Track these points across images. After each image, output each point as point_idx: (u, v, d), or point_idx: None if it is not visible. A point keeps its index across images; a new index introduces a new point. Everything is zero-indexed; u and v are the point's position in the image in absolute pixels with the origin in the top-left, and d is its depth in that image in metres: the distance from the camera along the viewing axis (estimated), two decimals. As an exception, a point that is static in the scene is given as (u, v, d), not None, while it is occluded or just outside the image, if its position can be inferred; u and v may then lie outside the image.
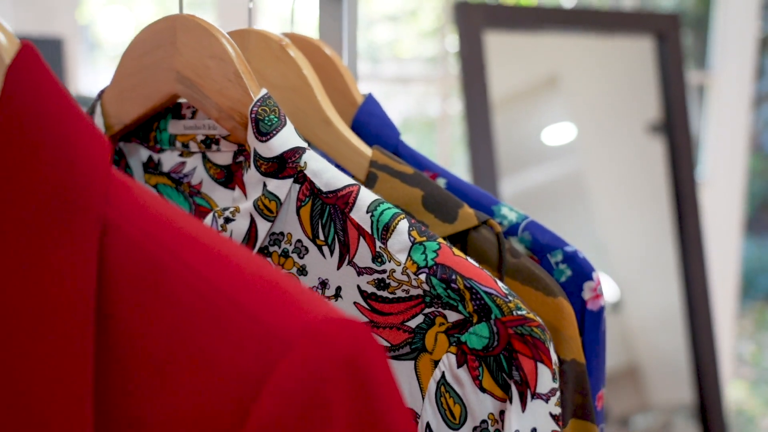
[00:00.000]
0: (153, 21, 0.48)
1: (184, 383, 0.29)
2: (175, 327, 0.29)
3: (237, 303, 0.28)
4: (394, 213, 0.43)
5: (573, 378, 0.48)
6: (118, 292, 0.30)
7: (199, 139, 0.50)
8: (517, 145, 1.77)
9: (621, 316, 2.14)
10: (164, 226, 0.31)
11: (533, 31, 1.46)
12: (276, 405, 0.27)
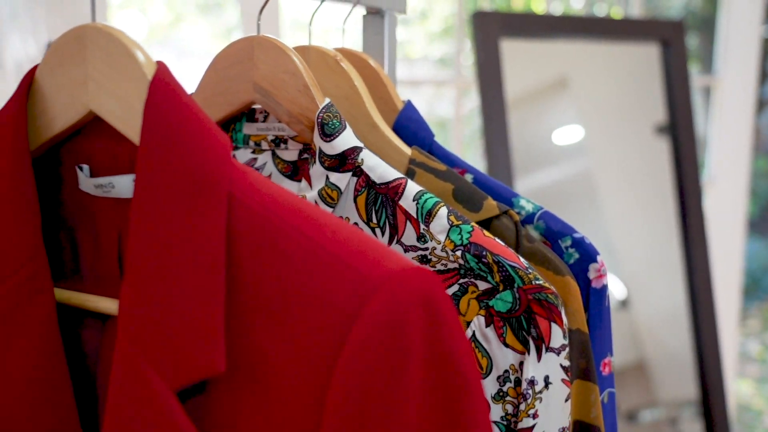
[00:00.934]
0: (234, 41, 0.58)
1: (294, 317, 0.39)
2: (285, 274, 0.39)
3: (335, 255, 0.39)
4: (436, 201, 0.53)
5: (578, 345, 0.58)
6: (240, 247, 0.40)
7: (270, 138, 0.61)
8: (528, 145, 1.87)
9: (629, 314, 2.23)
10: (272, 199, 0.42)
11: (545, 38, 1.56)
12: (367, 332, 0.37)
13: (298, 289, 0.39)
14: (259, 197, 0.42)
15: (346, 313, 0.38)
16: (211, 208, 0.41)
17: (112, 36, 0.44)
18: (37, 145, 0.48)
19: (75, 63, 0.46)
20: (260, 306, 0.40)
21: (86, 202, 0.49)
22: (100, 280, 0.49)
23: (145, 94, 0.43)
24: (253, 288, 0.40)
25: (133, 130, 0.44)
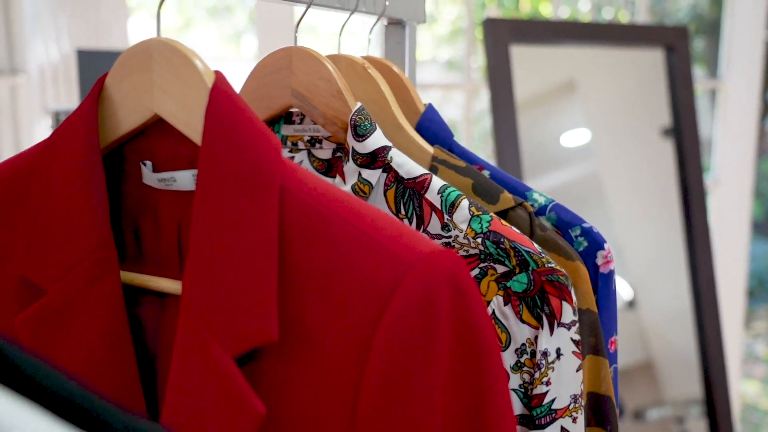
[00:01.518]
0: (273, 51, 0.65)
1: (338, 294, 0.45)
2: (330, 256, 0.46)
3: (374, 239, 0.45)
4: (458, 194, 0.59)
5: (588, 324, 0.64)
6: (291, 232, 0.47)
7: (306, 139, 0.67)
8: (537, 147, 1.93)
9: (636, 314, 2.28)
10: (318, 191, 0.48)
11: (553, 43, 1.62)
12: (402, 306, 0.43)
13: (341, 269, 0.45)
14: (306, 190, 0.48)
15: (384, 289, 0.44)
16: (265, 198, 0.47)
17: (176, 49, 0.51)
18: (106, 144, 0.54)
19: (142, 72, 0.52)
20: (308, 284, 0.46)
21: (149, 194, 0.55)
22: (161, 263, 0.55)
23: (206, 100, 0.50)
24: (302, 268, 0.46)
25: (194, 131, 0.50)
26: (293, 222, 0.47)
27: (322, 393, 0.47)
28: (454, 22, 6.19)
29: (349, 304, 0.45)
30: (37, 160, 0.55)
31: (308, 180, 0.49)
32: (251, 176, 0.47)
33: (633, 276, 2.26)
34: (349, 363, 0.45)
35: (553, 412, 0.57)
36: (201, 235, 0.48)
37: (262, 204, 0.47)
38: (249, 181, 0.47)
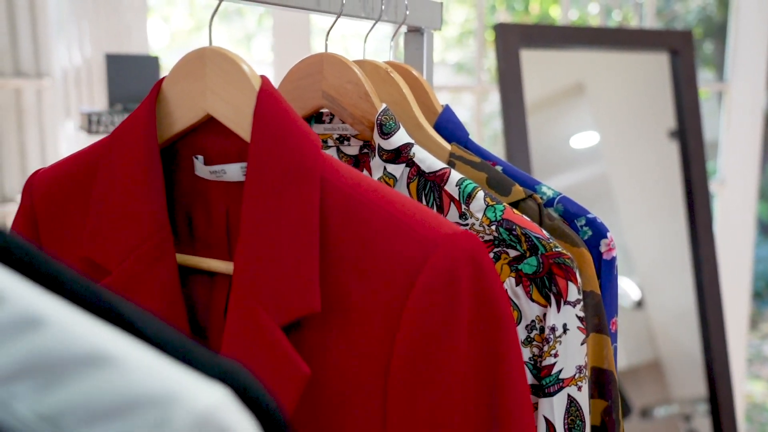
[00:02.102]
0: (305, 57, 0.72)
1: (372, 270, 0.53)
2: (365, 237, 0.53)
3: (404, 222, 0.52)
4: (474, 186, 0.66)
5: (592, 305, 0.71)
6: (330, 216, 0.54)
7: (335, 137, 0.74)
8: (546, 149, 1.99)
9: (643, 314, 2.34)
10: (354, 181, 0.55)
11: (562, 47, 1.69)
12: (429, 280, 0.50)
13: (375, 248, 0.53)
14: (343, 180, 0.55)
15: (413, 265, 0.51)
16: (308, 187, 0.54)
17: (226, 56, 0.58)
18: (163, 140, 0.62)
19: (196, 77, 0.59)
20: (346, 261, 0.53)
21: (200, 185, 0.63)
22: (211, 246, 0.63)
23: (253, 101, 0.57)
24: (340, 247, 0.54)
25: (243, 129, 0.58)
26: (332, 208, 0.54)
27: (359, 356, 0.54)
28: (462, 25, 6.26)
29: (382, 278, 0.52)
30: (100, 154, 0.62)
31: (344, 171, 0.56)
32: (295, 168, 0.55)
33: (641, 276, 2.32)
34: (382, 329, 0.53)
35: (561, 381, 0.64)
36: (251, 220, 0.55)
37: (304, 192, 0.54)
38: (293, 172, 0.55)
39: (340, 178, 0.55)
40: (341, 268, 0.54)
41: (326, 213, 0.54)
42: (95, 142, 0.66)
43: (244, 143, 0.59)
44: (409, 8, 0.83)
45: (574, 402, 0.64)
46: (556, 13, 5.77)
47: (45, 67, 2.15)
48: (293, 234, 0.54)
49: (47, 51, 2.12)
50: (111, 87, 1.47)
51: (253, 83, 0.58)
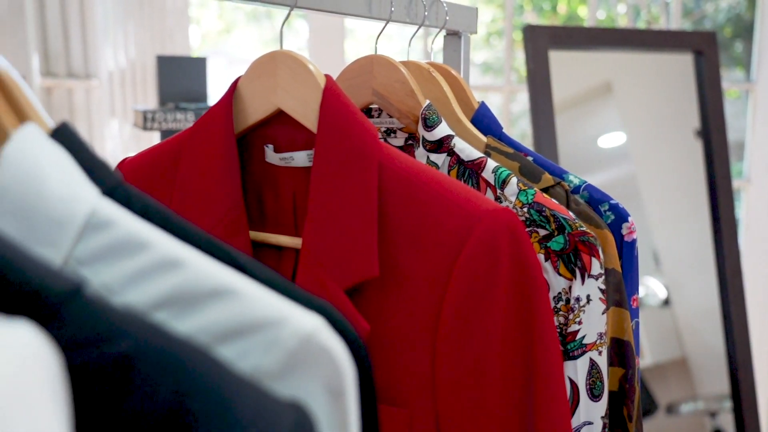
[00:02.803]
0: (357, 59, 0.82)
1: (424, 241, 0.62)
2: (418, 212, 0.62)
3: (451, 200, 0.61)
4: (509, 173, 0.75)
5: (613, 282, 0.79)
6: (387, 195, 0.63)
7: (383, 129, 0.84)
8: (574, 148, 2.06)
9: (670, 312, 2.39)
10: (407, 165, 0.64)
11: (590, 48, 1.77)
12: (473, 248, 0.60)
13: (426, 222, 0.62)
14: (398, 164, 0.65)
15: (460, 236, 0.61)
16: (367, 170, 0.64)
17: (296, 58, 0.68)
18: (238, 131, 0.72)
19: (268, 76, 0.69)
20: (401, 234, 0.63)
21: (270, 170, 0.72)
22: (279, 224, 0.73)
23: (319, 97, 0.67)
24: (396, 222, 0.63)
25: (310, 121, 0.67)
26: (388, 188, 0.64)
27: (411, 315, 0.63)
28: (489, 26, 6.33)
29: (432, 248, 0.62)
30: (183, 144, 0.72)
31: (398, 157, 0.65)
32: (356, 154, 0.64)
33: (667, 275, 2.38)
34: (432, 292, 0.62)
35: (584, 346, 0.72)
36: (317, 199, 0.64)
37: (364, 174, 0.64)
38: (354, 157, 0.64)
39: (395, 163, 0.65)
40: (396, 239, 0.63)
41: (383, 192, 0.64)
42: (176, 134, 0.76)
43: (310, 133, 0.69)
44: (449, 14, 0.92)
45: (596, 365, 0.73)
46: (584, 13, 5.82)
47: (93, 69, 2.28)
48: (355, 210, 0.63)
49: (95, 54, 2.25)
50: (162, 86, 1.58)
51: (319, 81, 0.67)
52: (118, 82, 2.33)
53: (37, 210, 0.39)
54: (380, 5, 0.82)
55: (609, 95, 2.09)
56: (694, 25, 5.41)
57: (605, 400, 0.73)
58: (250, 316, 0.40)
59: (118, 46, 2.33)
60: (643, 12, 4.78)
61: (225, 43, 6.80)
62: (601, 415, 0.73)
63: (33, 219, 0.39)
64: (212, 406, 0.32)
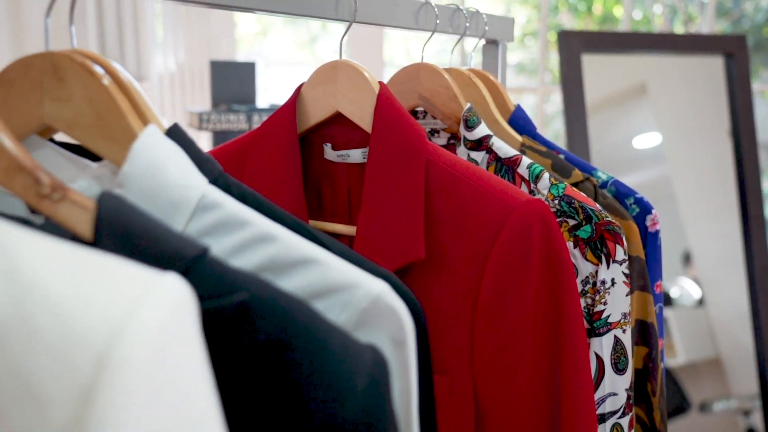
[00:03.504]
0: (404, 66, 0.91)
1: (465, 228, 0.71)
2: (460, 202, 0.71)
3: (489, 192, 0.71)
4: (541, 169, 0.84)
5: (638, 268, 0.88)
6: (432, 188, 0.73)
7: (427, 130, 0.93)
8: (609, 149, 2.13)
9: (704, 312, 2.44)
10: (451, 161, 0.74)
11: (622, 52, 1.84)
12: (508, 235, 0.69)
13: (467, 212, 0.71)
14: (443, 160, 0.74)
15: (496, 224, 0.70)
16: (415, 166, 0.73)
17: (354, 67, 0.78)
18: (301, 131, 0.82)
19: (329, 82, 0.79)
20: (444, 222, 0.72)
21: (328, 166, 0.82)
22: (335, 214, 0.82)
23: (374, 101, 0.76)
24: (440, 211, 0.72)
25: (365, 122, 0.77)
26: (434, 181, 0.73)
27: (453, 294, 0.72)
28: (524, 27, 6.37)
29: (471, 234, 0.71)
30: (250, 143, 0.83)
31: (443, 154, 0.75)
32: (406, 152, 0.74)
33: (702, 276, 2.42)
34: (471, 273, 0.71)
35: (609, 324, 0.81)
36: (371, 191, 0.74)
37: (413, 169, 0.73)
38: (404, 155, 0.74)
39: (440, 159, 0.74)
40: (440, 226, 0.73)
41: (429, 185, 0.73)
42: (245, 133, 0.86)
43: (365, 133, 0.78)
44: (488, 24, 1.01)
45: (620, 342, 0.81)
46: (620, 14, 5.83)
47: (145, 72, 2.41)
48: (404, 201, 0.73)
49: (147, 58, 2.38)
50: (214, 89, 1.69)
51: (374, 87, 0.77)
52: (167, 84, 2.47)
53: (160, 194, 0.49)
54: (426, 17, 0.92)
55: (644, 96, 2.16)
56: (732, 26, 5.40)
57: (629, 375, 0.82)
58: (330, 281, 0.49)
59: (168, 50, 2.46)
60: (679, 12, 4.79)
61: (261, 45, 6.96)
62: (626, 387, 0.81)
63: (156, 201, 0.49)
64: (310, 342, 0.42)
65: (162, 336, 0.34)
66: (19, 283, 0.34)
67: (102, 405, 0.32)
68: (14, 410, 0.33)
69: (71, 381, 0.33)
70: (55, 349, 0.33)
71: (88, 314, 0.33)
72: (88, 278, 0.35)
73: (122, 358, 0.32)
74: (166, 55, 2.48)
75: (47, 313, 0.33)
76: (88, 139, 0.52)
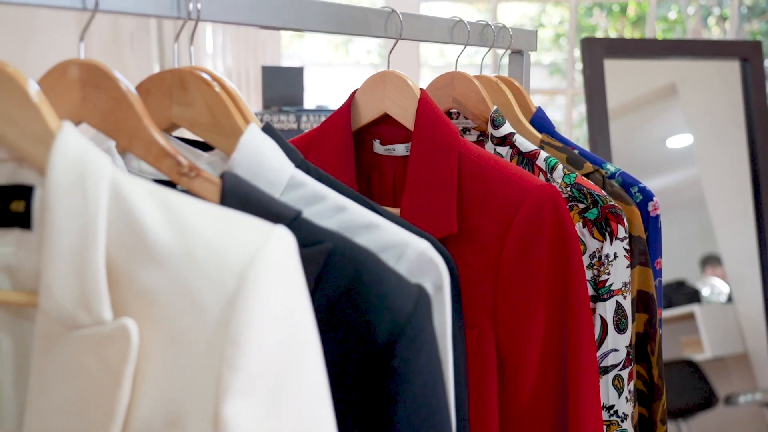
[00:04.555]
0: (440, 75, 1.09)
1: (490, 207, 0.88)
2: (486, 187, 0.89)
3: (509, 177, 0.88)
4: (556, 161, 1.01)
5: (639, 246, 1.04)
6: (463, 176, 0.90)
7: (460, 128, 1.11)
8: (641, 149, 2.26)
9: (733, 309, 2.57)
10: (478, 154, 0.91)
11: (642, 58, 2.00)
12: (525, 213, 0.86)
13: (492, 194, 0.89)
14: (472, 153, 0.91)
15: (515, 204, 0.87)
16: (450, 158, 0.91)
17: (400, 77, 0.96)
18: (354, 129, 1.00)
19: (378, 89, 0.97)
20: (473, 202, 0.90)
21: (376, 158, 1.00)
22: (382, 198, 1.00)
23: (415, 105, 0.94)
24: (470, 194, 0.90)
25: (408, 122, 0.95)
26: (464, 170, 0.91)
27: (480, 262, 0.90)
28: (557, 27, 6.50)
29: (495, 213, 0.88)
30: (313, 138, 1.01)
31: (472, 148, 0.92)
32: (442, 146, 0.91)
33: (731, 274, 2.55)
34: (495, 244, 0.88)
35: (611, 291, 0.98)
36: (413, 178, 0.92)
37: (448, 161, 0.91)
38: (441, 149, 0.91)
39: (470, 152, 0.92)
40: (469, 207, 0.90)
41: (461, 173, 0.91)
42: (304, 133, 1.05)
43: (408, 131, 0.96)
44: (513, 37, 1.19)
45: (621, 306, 0.98)
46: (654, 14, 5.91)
47: (197, 75, 2.62)
48: (440, 186, 0.90)
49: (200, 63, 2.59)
50: (266, 92, 1.89)
51: (416, 93, 0.95)
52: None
53: (260, 175, 0.68)
54: (459, 33, 1.09)
55: (674, 97, 2.29)
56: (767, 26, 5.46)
57: (629, 334, 0.98)
58: (387, 240, 0.67)
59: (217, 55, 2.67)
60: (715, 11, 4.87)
61: (298, 46, 7.19)
62: (626, 345, 0.98)
63: (258, 180, 0.67)
64: (374, 277, 0.60)
65: (280, 264, 0.51)
66: (182, 228, 0.52)
67: (241, 309, 0.49)
68: (182, 314, 0.51)
69: (221, 293, 0.50)
70: (209, 272, 0.51)
71: (230, 248, 0.51)
72: (228, 224, 0.53)
73: (255, 278, 0.50)
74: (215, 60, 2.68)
75: (203, 247, 0.51)
76: (205, 134, 0.71)
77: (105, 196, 0.52)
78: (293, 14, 0.84)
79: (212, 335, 0.50)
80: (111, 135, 0.64)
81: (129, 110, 0.64)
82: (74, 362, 0.52)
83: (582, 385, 0.88)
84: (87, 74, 0.64)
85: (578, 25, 5.60)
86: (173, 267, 0.52)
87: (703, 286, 2.62)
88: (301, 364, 0.52)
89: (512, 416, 0.88)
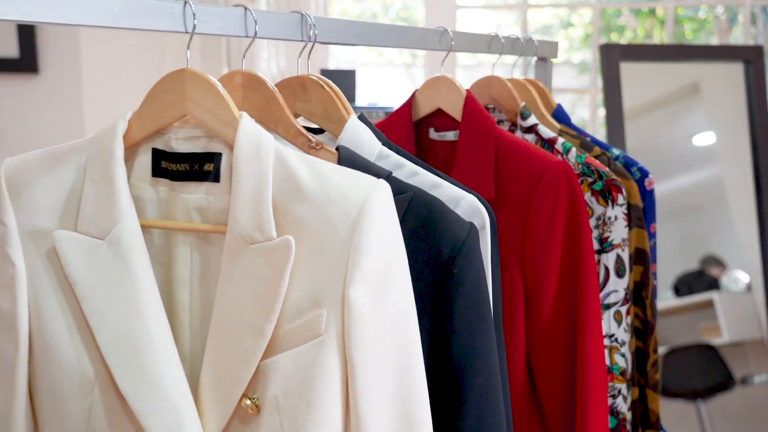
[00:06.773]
0: (479, 79, 1.41)
1: (518, 177, 1.21)
2: (514, 162, 1.21)
3: (533, 154, 1.20)
4: (571, 145, 1.33)
5: (636, 213, 1.36)
6: (499, 153, 1.22)
7: (496, 120, 1.43)
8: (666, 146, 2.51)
9: (751, 297, 2.83)
10: (511, 138, 1.23)
11: (656, 61, 2.30)
12: (544, 185, 1.18)
13: (519, 168, 1.21)
14: (506, 137, 1.24)
15: (537, 176, 1.19)
16: (489, 142, 1.23)
17: (450, 79, 1.28)
18: (414, 120, 1.32)
19: (433, 90, 1.30)
20: (506, 175, 1.22)
21: (431, 143, 1.33)
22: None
23: (462, 101, 1.26)
24: (503, 168, 1.22)
25: (457, 114, 1.27)
26: (500, 150, 1.23)
27: (511, 221, 1.22)
28: (586, 27, 6.75)
29: (522, 183, 1.20)
30: (381, 127, 1.34)
31: (506, 134, 1.24)
32: (483, 133, 1.24)
33: (749, 264, 2.81)
34: (522, 206, 1.20)
35: (612, 246, 1.29)
36: (461, 158, 1.24)
37: (487, 144, 1.23)
38: (482, 135, 1.24)
39: (504, 137, 1.24)
40: (504, 178, 1.22)
41: (497, 153, 1.23)
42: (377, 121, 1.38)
43: (456, 121, 1.28)
44: (538, 47, 1.51)
45: (620, 257, 1.29)
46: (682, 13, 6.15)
47: (254, 76, 2.96)
48: (481, 162, 1.22)
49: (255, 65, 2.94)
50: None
51: (462, 92, 1.27)
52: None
53: (359, 149, 1.00)
54: (496, 44, 1.42)
55: (697, 96, 2.53)
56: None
57: (626, 279, 1.30)
58: (449, 194, 1.00)
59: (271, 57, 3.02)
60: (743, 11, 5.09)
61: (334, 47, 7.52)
62: (624, 287, 1.30)
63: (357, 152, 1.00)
64: (441, 215, 0.92)
65: (383, 202, 0.84)
66: (321, 178, 0.84)
67: (360, 229, 0.81)
68: (321, 232, 0.83)
69: (347, 218, 0.82)
70: (340, 205, 0.83)
71: (353, 190, 0.83)
72: (349, 176, 0.85)
73: (369, 210, 0.82)
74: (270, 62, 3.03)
75: (335, 190, 0.84)
76: (320, 122, 1.04)
77: (272, 159, 0.84)
78: (374, 35, 1.17)
79: (341, 245, 0.80)
80: (262, 122, 0.98)
81: (275, 104, 0.97)
82: (251, 265, 0.82)
83: (587, 312, 1.20)
84: (247, 80, 0.97)
85: (607, 25, 5.86)
86: (316, 202, 0.83)
87: (724, 276, 2.86)
88: (397, 267, 0.83)
89: (535, 335, 1.21)
